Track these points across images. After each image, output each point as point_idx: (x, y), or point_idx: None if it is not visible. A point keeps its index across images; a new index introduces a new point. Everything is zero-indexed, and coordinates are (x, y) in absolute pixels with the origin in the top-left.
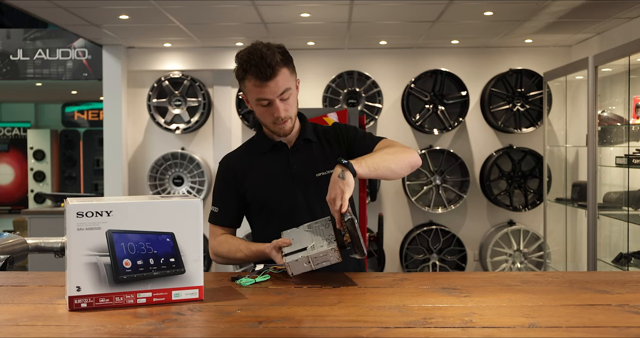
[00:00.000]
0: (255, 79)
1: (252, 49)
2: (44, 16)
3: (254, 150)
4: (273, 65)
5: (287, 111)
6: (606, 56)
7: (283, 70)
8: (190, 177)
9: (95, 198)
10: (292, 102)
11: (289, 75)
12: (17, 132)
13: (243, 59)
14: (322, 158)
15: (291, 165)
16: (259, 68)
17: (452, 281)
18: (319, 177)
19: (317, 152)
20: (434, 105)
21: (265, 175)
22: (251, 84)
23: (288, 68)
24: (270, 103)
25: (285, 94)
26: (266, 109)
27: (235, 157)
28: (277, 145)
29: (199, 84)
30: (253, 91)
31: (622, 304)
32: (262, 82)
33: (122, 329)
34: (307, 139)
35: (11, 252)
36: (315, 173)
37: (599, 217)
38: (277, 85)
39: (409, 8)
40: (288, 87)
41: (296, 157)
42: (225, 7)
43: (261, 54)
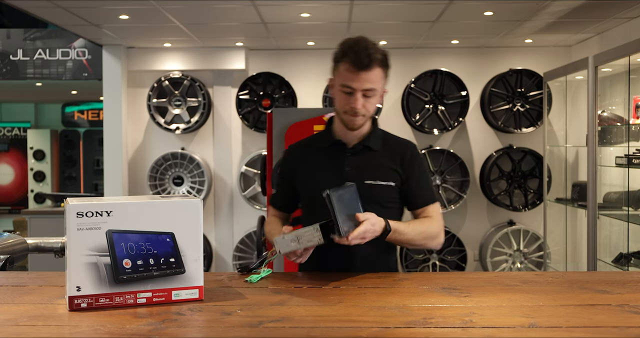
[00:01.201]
0: (350, 65)
1: (360, 38)
2: (44, 16)
3: (316, 144)
4: (371, 59)
5: (364, 108)
6: (606, 56)
7: (378, 69)
8: (190, 177)
9: (95, 198)
10: (372, 102)
11: (380, 78)
12: (17, 132)
13: (347, 44)
14: (376, 167)
15: (344, 166)
16: (358, 55)
17: (452, 281)
18: (367, 184)
19: (374, 160)
20: (434, 105)
21: (317, 171)
22: (344, 68)
23: (382, 71)
24: (352, 93)
25: (370, 92)
26: (346, 97)
27: (298, 148)
28: (337, 144)
29: (199, 84)
30: (343, 76)
31: (622, 304)
32: (355, 70)
33: (122, 329)
34: (367, 146)
35: (11, 252)
36: (365, 179)
37: (599, 217)
38: (367, 79)
39: (409, 8)
40: (375, 87)
41: (352, 159)
42: (225, 7)
43: (366, 46)
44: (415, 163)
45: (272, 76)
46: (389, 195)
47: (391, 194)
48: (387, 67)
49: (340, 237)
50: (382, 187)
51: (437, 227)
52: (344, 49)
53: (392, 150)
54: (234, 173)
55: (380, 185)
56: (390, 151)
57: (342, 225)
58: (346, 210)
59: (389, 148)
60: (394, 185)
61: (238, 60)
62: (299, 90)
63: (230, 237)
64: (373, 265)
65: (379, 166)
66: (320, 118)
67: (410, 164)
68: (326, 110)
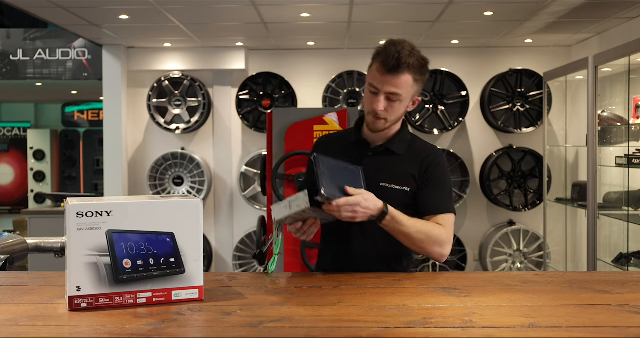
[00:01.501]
0: (380, 65)
1: (399, 41)
2: (44, 16)
3: (343, 140)
4: (400, 63)
5: (386, 112)
6: (606, 56)
7: (407, 75)
8: (190, 177)
9: (95, 198)
10: (396, 108)
11: (410, 84)
12: (17, 132)
13: (385, 44)
14: (394, 170)
15: (364, 165)
16: (388, 57)
17: (452, 281)
18: (382, 186)
19: (393, 164)
20: (434, 105)
21: None
22: (375, 67)
23: (413, 77)
24: (376, 93)
25: (394, 96)
26: (371, 97)
27: (325, 140)
28: (361, 142)
29: (199, 84)
30: (372, 74)
31: (622, 304)
32: (382, 71)
33: (122, 329)
34: (389, 149)
35: (11, 252)
36: (380, 181)
37: (599, 217)
38: (392, 83)
39: (409, 8)
40: (400, 92)
41: (371, 159)
42: (225, 7)
43: (400, 49)
44: (434, 170)
45: (272, 76)
46: (402, 201)
47: (405, 200)
48: (420, 74)
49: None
50: (396, 192)
51: (443, 235)
52: (380, 48)
53: (414, 155)
54: (234, 174)
55: (394, 190)
56: (412, 156)
57: (325, 186)
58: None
59: (412, 153)
60: (409, 191)
61: (238, 60)
62: (299, 90)
63: (230, 237)
64: (388, 266)
65: (397, 170)
66: (320, 118)
67: (428, 170)
68: (326, 110)
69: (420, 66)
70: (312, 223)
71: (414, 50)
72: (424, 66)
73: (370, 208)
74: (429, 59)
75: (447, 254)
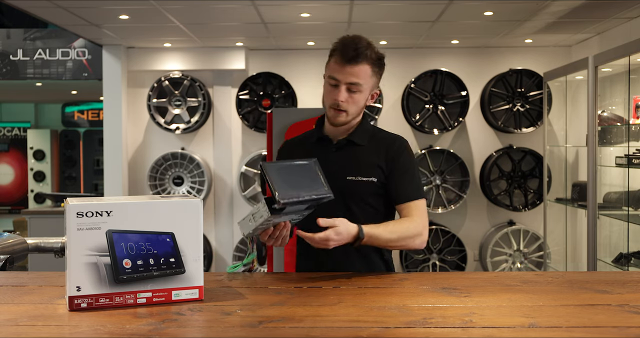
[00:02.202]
0: (338, 57)
1: (355, 36)
2: (44, 16)
3: (306, 140)
4: (359, 54)
5: (347, 103)
6: (606, 56)
7: (365, 66)
8: (190, 177)
9: (95, 198)
10: (357, 99)
11: (369, 75)
12: (17, 132)
13: (340, 39)
14: (359, 162)
15: (328, 161)
16: (346, 49)
17: (452, 281)
18: (349, 180)
19: (358, 156)
20: (434, 105)
21: None
22: (333, 60)
23: (371, 68)
24: (337, 85)
25: (354, 87)
26: (331, 90)
27: (289, 144)
28: (323, 139)
29: (199, 84)
30: (331, 68)
31: (622, 304)
32: (341, 62)
33: (122, 329)
34: (351, 141)
35: (11, 252)
36: (347, 175)
37: (599, 217)
38: (352, 73)
39: (409, 8)
40: (360, 82)
41: (335, 155)
42: (225, 7)
43: (357, 41)
44: (400, 157)
45: (272, 76)
46: (371, 192)
47: (373, 190)
48: (377, 66)
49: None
50: (363, 183)
51: (416, 227)
52: (336, 43)
53: (378, 145)
54: (234, 174)
55: (361, 181)
56: (376, 146)
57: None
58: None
59: (375, 143)
60: (376, 181)
61: (238, 60)
62: (299, 90)
63: (230, 237)
64: (369, 260)
65: (361, 162)
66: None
67: (394, 158)
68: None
69: (377, 58)
70: (283, 227)
71: (370, 44)
72: (381, 59)
73: (343, 238)
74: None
75: (425, 240)
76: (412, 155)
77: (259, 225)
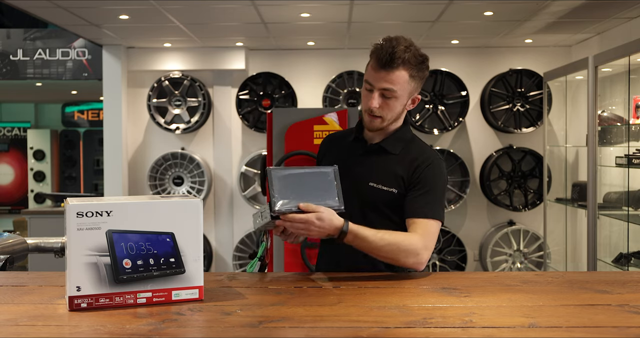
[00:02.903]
0: (374, 61)
1: (396, 37)
2: (44, 16)
3: (345, 137)
4: (394, 58)
5: (381, 109)
6: (606, 56)
7: (401, 71)
8: (190, 177)
9: (95, 198)
10: (392, 105)
11: (405, 80)
12: (17, 132)
13: (380, 42)
14: (384, 171)
15: (356, 164)
16: (382, 53)
17: (452, 281)
18: (370, 186)
19: (385, 163)
20: (434, 105)
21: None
22: (371, 64)
23: (409, 73)
24: (371, 90)
25: (389, 93)
26: (366, 94)
27: (331, 138)
28: (359, 139)
29: (199, 84)
30: (367, 72)
31: (622, 304)
32: (376, 67)
33: (122, 329)
34: (382, 147)
35: (11, 252)
36: (370, 181)
37: (599, 217)
38: (386, 79)
39: (409, 8)
40: (394, 88)
41: (365, 157)
42: (225, 7)
43: (395, 44)
44: (424, 173)
45: (272, 76)
46: (389, 202)
47: (392, 201)
48: (417, 70)
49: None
50: (383, 192)
51: (413, 244)
52: (375, 45)
53: (408, 156)
54: (234, 174)
55: (381, 190)
56: (405, 157)
57: (276, 201)
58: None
59: (406, 154)
60: (396, 193)
61: (238, 60)
62: (299, 90)
63: (230, 237)
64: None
65: (387, 170)
66: (320, 118)
67: (418, 172)
68: (326, 110)
69: (417, 63)
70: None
71: (410, 46)
72: (422, 63)
73: (325, 227)
74: (428, 56)
75: (423, 262)
76: (439, 173)
77: (264, 224)
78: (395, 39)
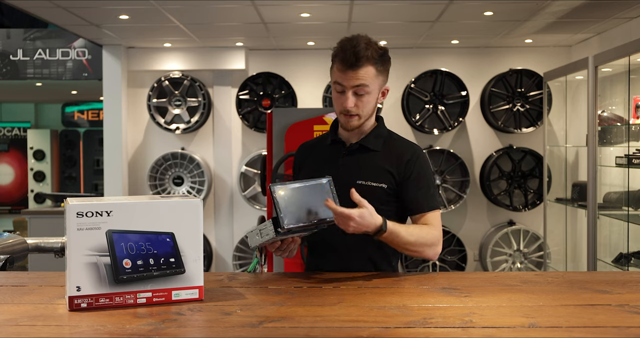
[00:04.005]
0: (340, 64)
1: (353, 37)
2: (44, 16)
3: (320, 143)
4: (360, 57)
5: (357, 107)
6: (606, 56)
7: (369, 67)
8: (190, 177)
9: (95, 198)
10: (366, 101)
11: (374, 74)
12: (17, 132)
13: (339, 43)
14: (370, 167)
15: (340, 165)
16: (345, 54)
17: (452, 281)
18: (359, 184)
19: (370, 160)
20: (434, 105)
21: (315, 170)
22: (336, 67)
23: (375, 68)
24: (343, 91)
25: (361, 89)
26: (338, 96)
27: (304, 146)
28: (337, 141)
29: (199, 84)
30: (335, 74)
31: (622, 304)
32: (344, 68)
33: (122, 329)
34: (363, 145)
35: (11, 252)
36: (357, 179)
37: (599, 217)
38: (356, 77)
39: (409, 8)
40: (366, 84)
41: (347, 158)
42: (225, 7)
43: (355, 43)
44: (414, 166)
45: (272, 76)
46: (380, 197)
47: (383, 196)
48: (381, 63)
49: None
50: (373, 188)
51: (435, 236)
52: (336, 49)
53: (392, 151)
54: (234, 174)
55: (371, 186)
56: (389, 152)
57: (284, 218)
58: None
59: (389, 149)
60: (386, 188)
61: (238, 60)
62: (299, 90)
63: (230, 237)
64: (376, 268)
65: (373, 167)
66: (320, 118)
67: (408, 166)
68: (326, 110)
69: (379, 56)
70: (291, 241)
71: (370, 42)
72: (384, 55)
73: (365, 225)
74: (387, 48)
75: (438, 252)
76: (427, 164)
77: (264, 241)
78: (354, 38)
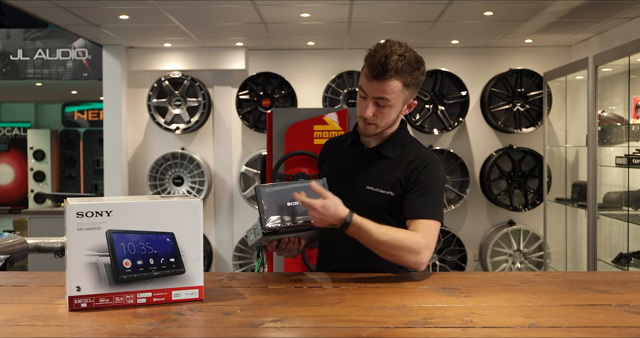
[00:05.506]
0: (367, 70)
1: (389, 44)
2: (44, 16)
3: (343, 141)
4: (387, 69)
5: (375, 117)
6: (606, 56)
7: (394, 81)
8: (190, 177)
9: (95, 198)
10: (386, 113)
11: (400, 89)
12: (17, 132)
13: (375, 46)
14: (381, 174)
15: (353, 168)
16: (374, 63)
17: (452, 281)
18: (367, 190)
19: (382, 167)
20: (434, 105)
21: (333, 168)
22: (364, 71)
23: (403, 82)
24: (365, 98)
25: (382, 101)
26: (361, 101)
27: (330, 143)
28: (356, 143)
29: (199, 84)
30: (361, 78)
31: (622, 304)
32: (369, 76)
33: (122, 329)
34: (378, 152)
35: (11, 252)
36: (366, 185)
37: (599, 217)
38: (379, 88)
39: (409, 8)
40: (387, 97)
41: (362, 161)
42: (225, 7)
43: (388, 53)
44: (419, 174)
45: (272, 76)
46: (386, 205)
47: (389, 204)
48: (411, 78)
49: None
50: (380, 196)
51: (416, 242)
52: (370, 51)
53: (405, 159)
54: (234, 174)
55: (378, 194)
56: (402, 160)
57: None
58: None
59: (403, 157)
60: (393, 196)
61: (238, 60)
62: (299, 90)
63: (230, 237)
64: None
65: (384, 174)
66: (320, 118)
67: (413, 174)
68: (326, 110)
69: (411, 70)
70: (288, 241)
71: (405, 53)
72: (417, 69)
73: (329, 216)
74: (423, 60)
75: (424, 262)
76: (437, 175)
77: (258, 240)
78: (390, 46)
